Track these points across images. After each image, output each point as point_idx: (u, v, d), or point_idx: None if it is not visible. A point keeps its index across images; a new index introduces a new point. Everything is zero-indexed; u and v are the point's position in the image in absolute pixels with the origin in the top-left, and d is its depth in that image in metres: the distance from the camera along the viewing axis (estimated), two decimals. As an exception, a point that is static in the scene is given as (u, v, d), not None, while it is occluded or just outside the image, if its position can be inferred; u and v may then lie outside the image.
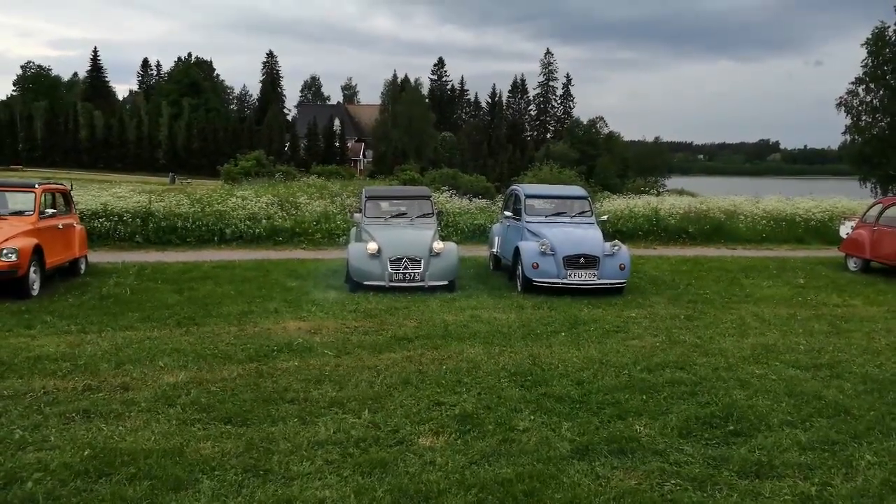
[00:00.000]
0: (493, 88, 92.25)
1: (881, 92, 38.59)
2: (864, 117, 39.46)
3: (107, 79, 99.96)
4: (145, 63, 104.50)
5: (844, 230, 14.44)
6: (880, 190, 37.65)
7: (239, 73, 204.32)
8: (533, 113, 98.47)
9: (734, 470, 4.18)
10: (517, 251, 10.37)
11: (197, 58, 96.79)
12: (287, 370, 6.03)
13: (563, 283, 9.79)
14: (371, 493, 3.79)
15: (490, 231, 13.30)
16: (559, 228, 10.62)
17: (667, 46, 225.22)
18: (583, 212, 11.43)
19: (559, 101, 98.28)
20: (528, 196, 11.45)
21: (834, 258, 14.48)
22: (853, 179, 41.57)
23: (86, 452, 4.20)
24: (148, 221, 14.97)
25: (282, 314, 8.31)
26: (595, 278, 9.89)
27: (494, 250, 12.30)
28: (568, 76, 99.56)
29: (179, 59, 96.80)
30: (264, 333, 7.33)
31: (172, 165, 69.85)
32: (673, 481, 4.02)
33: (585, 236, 10.42)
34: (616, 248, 10.19)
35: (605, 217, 12.74)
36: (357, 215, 11.29)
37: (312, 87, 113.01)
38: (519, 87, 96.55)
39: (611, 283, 9.96)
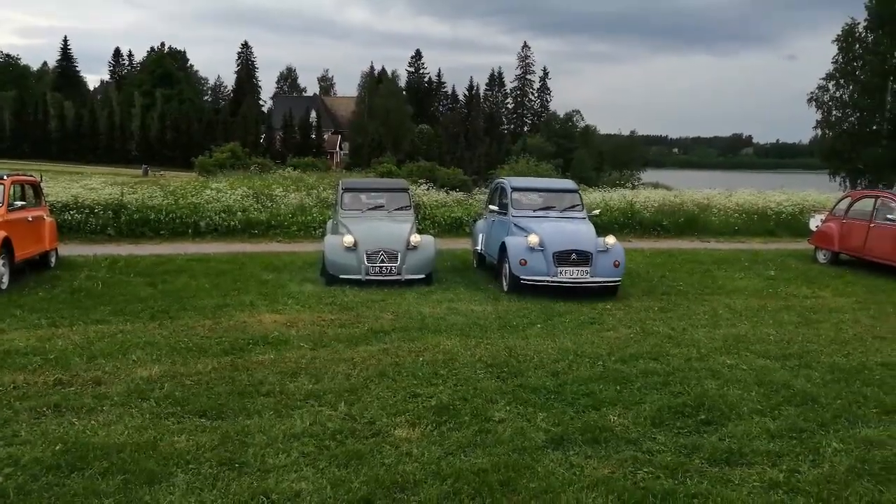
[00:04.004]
0: (471, 81, 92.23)
1: (851, 87, 39.28)
2: (834, 112, 40.17)
3: (77, 68, 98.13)
4: (117, 53, 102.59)
5: (814, 223, 14.73)
6: (849, 184, 38.38)
7: (213, 63, 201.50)
8: (510, 106, 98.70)
9: (705, 458, 4.27)
10: (503, 247, 9.76)
11: (170, 48, 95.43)
12: (263, 363, 6.00)
13: (553, 282, 9.19)
14: (347, 484, 3.80)
15: (473, 227, 12.63)
16: (549, 223, 10.00)
17: (643, 40, 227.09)
18: (573, 206, 10.85)
19: (536, 95, 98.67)
20: (515, 189, 10.84)
21: (804, 251, 14.76)
22: (824, 173, 42.35)
23: (57, 447, 4.15)
24: (120, 214, 14.74)
25: (257, 307, 8.26)
26: (588, 276, 9.26)
27: (478, 248, 11.65)
28: (545, 69, 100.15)
29: (152, 48, 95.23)
30: (239, 326, 7.28)
31: (145, 157, 68.70)
32: (645, 469, 4.09)
33: (577, 231, 9.80)
34: (610, 243, 9.56)
35: (596, 211, 12.07)
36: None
37: (288, 79, 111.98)
38: (496, 79, 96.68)
39: (605, 282, 9.36)
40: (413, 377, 5.71)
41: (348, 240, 9.80)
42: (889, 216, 12.50)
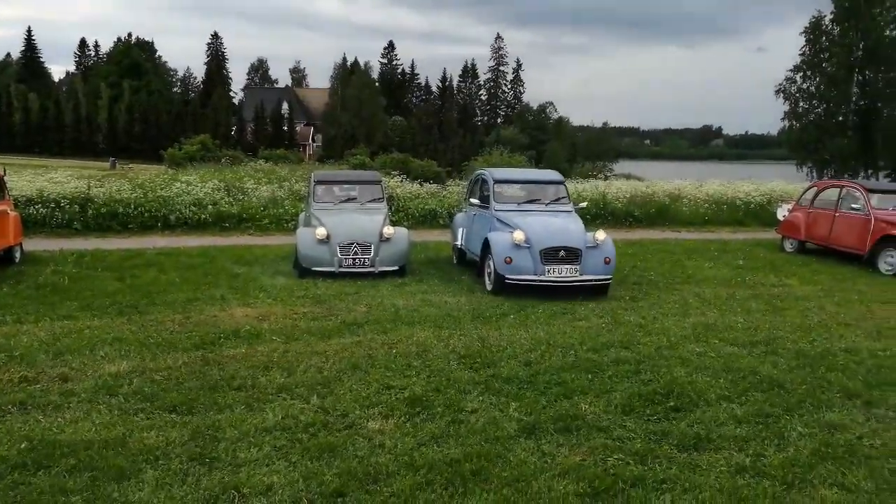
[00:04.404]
0: (444, 73, 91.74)
1: (817, 79, 39.89)
2: (801, 104, 40.77)
3: (42, 59, 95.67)
4: (83, 43, 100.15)
5: (781, 213, 15.00)
6: (816, 174, 39.05)
7: (182, 54, 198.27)
8: (484, 98, 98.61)
9: (674, 444, 4.34)
10: (486, 244, 9.20)
11: (138, 38, 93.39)
12: (234, 357, 5.95)
13: (540, 281, 8.66)
14: (319, 477, 3.79)
15: (452, 221, 11.96)
16: (534, 217, 9.42)
17: (615, 32, 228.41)
18: (559, 198, 10.20)
19: (509, 86, 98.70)
20: (498, 181, 10.14)
21: (772, 240, 15.03)
22: (791, 164, 43.02)
23: (23, 445, 4.08)
24: (87, 207, 14.44)
25: (228, 301, 8.17)
26: (577, 274, 8.73)
27: (458, 243, 11.06)
28: (518, 61, 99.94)
29: (119, 39, 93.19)
30: (210, 321, 7.20)
31: (113, 150, 67.39)
32: (616, 456, 4.14)
33: (565, 226, 9.24)
34: (600, 239, 9.05)
35: (583, 204, 11.40)
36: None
37: (260, 70, 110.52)
38: (469, 71, 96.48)
39: (595, 280, 8.84)
40: (386, 369, 5.70)
41: (321, 232, 9.74)
42: (853, 206, 12.77)
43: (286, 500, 3.54)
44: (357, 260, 9.76)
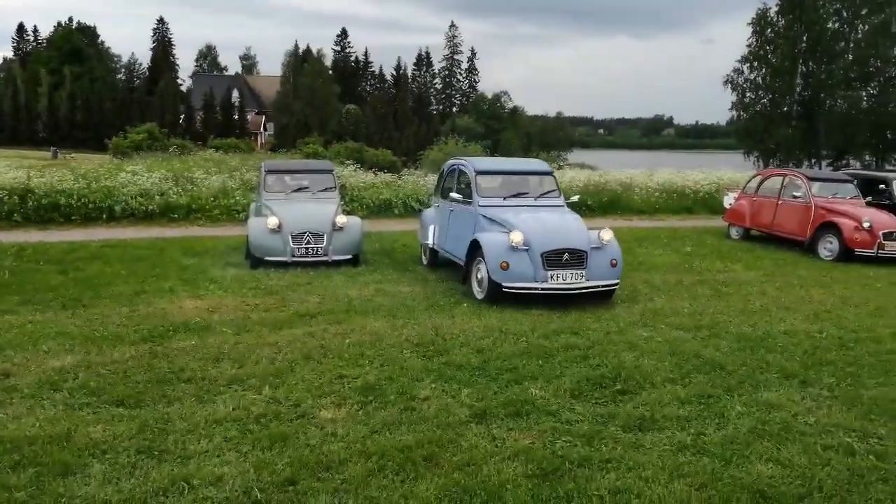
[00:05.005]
0: (399, 61, 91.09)
1: (763, 70, 41.04)
2: (748, 94, 41.90)
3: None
4: (21, 28, 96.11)
5: (727, 201, 15.44)
6: (763, 163, 40.23)
7: (126, 40, 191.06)
8: (438, 87, 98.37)
9: (619, 425, 4.47)
10: (475, 246, 8.11)
11: (79, 23, 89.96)
12: (183, 350, 5.86)
13: (542, 289, 7.59)
14: (271, 466, 3.79)
15: (421, 217, 10.70)
16: (528, 214, 8.33)
17: (569, 22, 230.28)
18: (549, 191, 9.12)
19: (464, 75, 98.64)
20: (481, 172, 8.99)
21: (719, 227, 15.47)
22: (739, 153, 44.20)
23: (-39, 443, 3.96)
24: (27, 199, 13.93)
25: (178, 293, 8.03)
26: (583, 280, 7.71)
27: (429, 242, 9.95)
28: (472, 50, 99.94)
29: (59, 23, 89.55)
30: (159, 313, 7.07)
31: (54, 139, 64.98)
32: (564, 439, 4.25)
33: (565, 224, 8.22)
34: (606, 239, 8.08)
35: (575, 197, 10.27)
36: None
37: (208, 57, 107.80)
38: (424, 60, 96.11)
39: (602, 286, 7.88)
40: (339, 359, 5.71)
41: (272, 221, 9.63)
42: (795, 194, 13.23)
43: (237, 490, 3.53)
44: (310, 249, 9.69)
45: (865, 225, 11.78)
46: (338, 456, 3.93)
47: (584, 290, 7.75)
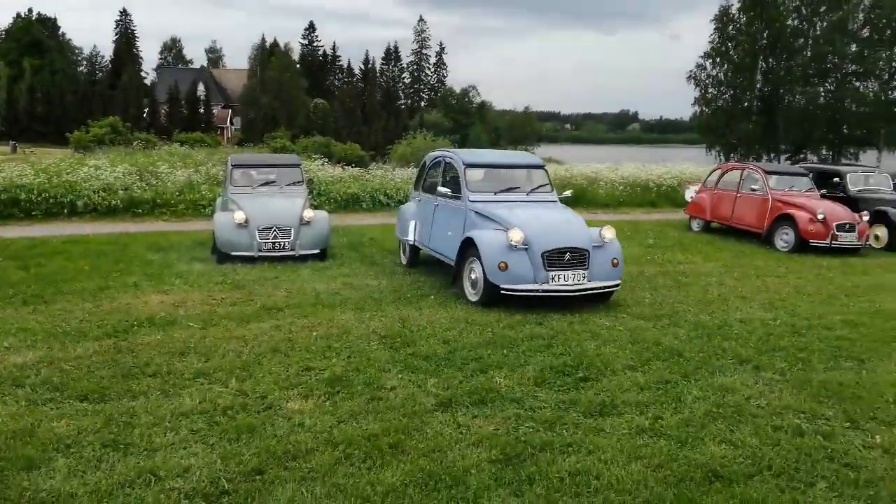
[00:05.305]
0: (367, 55, 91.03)
1: (725, 66, 41.82)
2: (710, 90, 42.63)
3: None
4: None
5: (689, 194, 15.78)
6: (724, 157, 41.01)
7: (88, 32, 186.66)
8: (407, 81, 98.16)
9: (581, 411, 4.60)
10: (468, 245, 7.68)
11: (39, 14, 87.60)
12: (148, 344, 5.84)
13: (544, 291, 7.18)
14: (238, 457, 3.83)
15: (400, 213, 10.17)
16: (524, 210, 7.87)
17: (535, 16, 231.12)
18: (541, 185, 8.67)
19: (433, 70, 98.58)
20: (469, 165, 8.48)
21: (681, 220, 15.81)
22: (702, 147, 45.01)
23: (-79, 440, 3.92)
24: (-15, 194, 13.65)
25: (142, 288, 7.97)
26: (585, 280, 7.34)
27: (409, 238, 9.44)
28: (441, 45, 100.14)
29: (18, 15, 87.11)
30: (123, 308, 7.02)
31: (13, 133, 63.23)
32: (527, 425, 4.36)
33: (565, 222, 7.82)
34: (608, 237, 7.78)
35: (568, 192, 9.72)
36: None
37: (173, 49, 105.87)
38: (392, 54, 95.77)
39: (605, 287, 7.53)
40: (306, 351, 5.75)
41: (239, 216, 9.59)
42: (753, 186, 13.58)
43: (204, 481, 3.56)
44: (277, 244, 9.68)
45: (820, 217, 12.15)
46: (305, 445, 3.99)
47: (586, 292, 7.39)
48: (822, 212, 12.23)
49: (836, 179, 14.64)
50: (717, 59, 41.80)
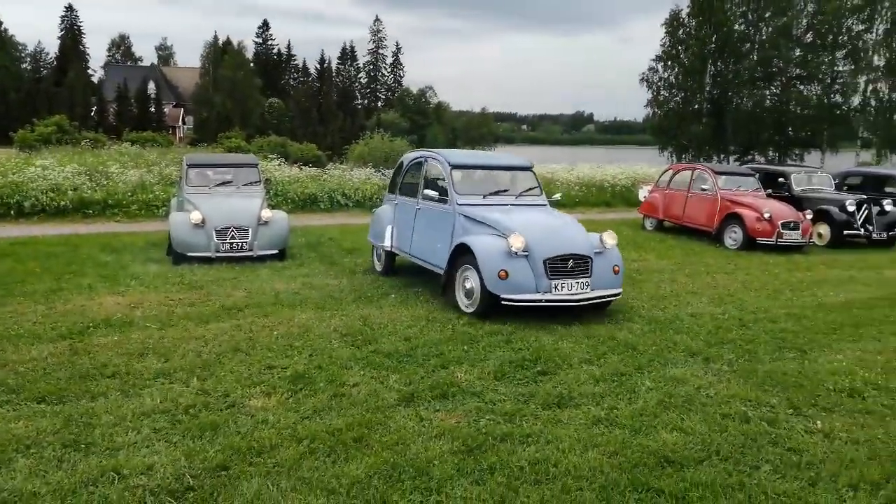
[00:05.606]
0: (322, 55, 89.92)
1: (676, 69, 42.90)
2: (662, 92, 43.69)
3: None
4: None
5: (642, 194, 16.20)
6: (676, 158, 42.08)
7: (32, 28, 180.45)
8: (363, 81, 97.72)
9: (539, 403, 4.74)
10: (461, 252, 7.21)
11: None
12: (105, 346, 5.77)
13: (547, 301, 6.73)
14: (202, 454, 3.85)
15: (374, 216, 9.60)
16: (519, 214, 7.43)
17: (491, 17, 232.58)
18: (530, 188, 8.28)
19: (389, 70, 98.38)
20: (455, 166, 8.00)
21: (635, 219, 16.20)
22: (655, 148, 46.07)
23: None
24: (-74, 194, 13.16)
25: (97, 290, 7.83)
26: (589, 289, 6.93)
27: (385, 244, 8.93)
28: (397, 44, 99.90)
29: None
30: (77, 310, 6.89)
31: (-48, 131, 60.79)
32: (487, 417, 4.48)
33: (565, 227, 7.44)
34: (610, 243, 7.40)
35: (558, 195, 9.33)
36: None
37: (121, 47, 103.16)
38: (348, 54, 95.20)
39: (607, 297, 7.17)
40: (268, 350, 5.76)
41: (196, 216, 9.49)
42: (703, 186, 14.02)
43: (168, 477, 3.57)
44: (235, 244, 9.61)
45: (766, 216, 12.63)
46: (269, 441, 4.02)
47: (589, 301, 6.96)
48: (768, 211, 12.71)
49: (782, 179, 15.23)
50: (669, 63, 42.84)
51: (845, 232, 13.63)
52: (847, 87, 37.56)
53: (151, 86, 75.49)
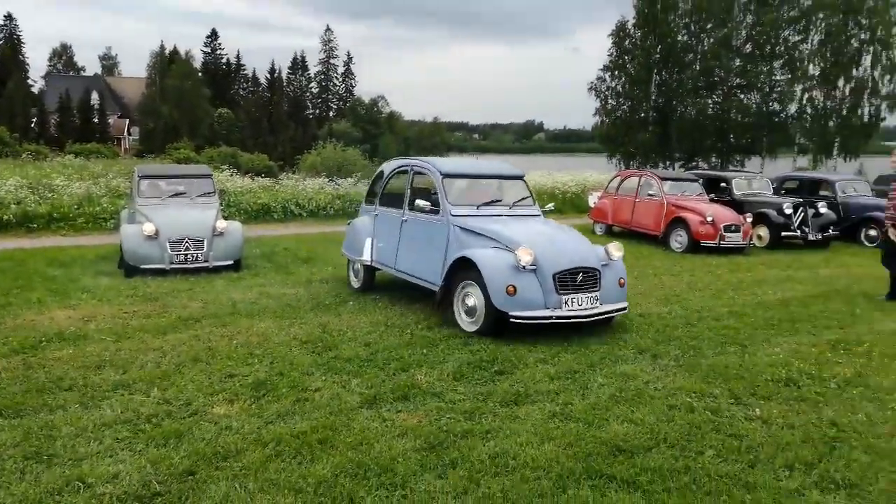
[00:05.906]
0: (273, 64, 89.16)
1: (623, 79, 44.01)
2: (610, 101, 44.74)
3: None
4: None
5: (592, 200, 16.65)
6: (624, 165, 43.11)
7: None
8: (315, 90, 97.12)
9: (497, 401, 4.92)
10: (461, 267, 6.80)
11: None
12: (60, 359, 5.71)
13: (557, 318, 6.41)
14: (168, 460, 3.89)
15: (350, 228, 9.03)
16: (520, 226, 7.10)
17: (443, 27, 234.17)
18: (523, 198, 7.95)
19: (341, 79, 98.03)
20: (447, 175, 7.60)
21: (586, 225, 16.59)
22: (604, 156, 47.12)
23: None
24: None
25: (47, 304, 7.70)
26: (598, 304, 6.67)
27: (364, 258, 8.45)
28: (348, 54, 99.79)
29: None
30: (28, 325, 6.79)
31: None
32: (448, 416, 4.63)
33: (571, 239, 7.11)
34: (616, 256, 7.11)
35: (550, 205, 8.99)
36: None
37: (63, 56, 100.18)
38: (299, 63, 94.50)
39: (615, 311, 6.91)
40: (228, 359, 5.79)
41: (149, 228, 9.40)
42: (650, 192, 14.51)
43: (135, 484, 3.61)
44: (189, 256, 9.55)
45: (708, 219, 13.16)
46: (235, 446, 4.08)
47: (599, 317, 6.70)
48: (710, 214, 13.24)
49: (724, 185, 15.87)
50: (616, 72, 43.93)
51: (783, 234, 14.28)
52: (784, 96, 39.12)
53: (95, 96, 73.53)
